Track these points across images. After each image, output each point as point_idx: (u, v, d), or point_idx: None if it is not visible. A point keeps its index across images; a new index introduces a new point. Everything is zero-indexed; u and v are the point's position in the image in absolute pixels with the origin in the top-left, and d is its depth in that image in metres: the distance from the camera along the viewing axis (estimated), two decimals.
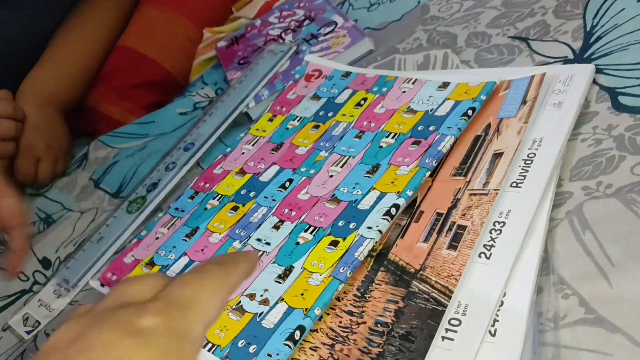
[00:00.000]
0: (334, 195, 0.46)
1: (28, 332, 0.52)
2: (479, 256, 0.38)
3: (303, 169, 0.50)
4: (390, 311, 0.37)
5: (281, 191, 0.49)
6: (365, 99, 0.54)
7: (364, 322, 0.38)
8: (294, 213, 0.47)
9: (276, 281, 0.42)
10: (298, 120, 0.56)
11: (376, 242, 0.41)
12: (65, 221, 0.64)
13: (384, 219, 0.42)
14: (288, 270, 0.42)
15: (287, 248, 0.44)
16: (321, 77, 0.61)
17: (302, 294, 0.40)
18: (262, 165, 0.53)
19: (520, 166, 0.42)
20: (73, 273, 0.55)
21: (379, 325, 0.37)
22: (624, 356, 0.32)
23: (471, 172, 0.43)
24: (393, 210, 0.42)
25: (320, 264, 0.41)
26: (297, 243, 0.44)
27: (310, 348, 0.38)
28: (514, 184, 0.41)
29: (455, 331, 0.35)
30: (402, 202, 0.43)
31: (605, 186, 0.40)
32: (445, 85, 0.51)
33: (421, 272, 0.39)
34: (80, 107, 0.81)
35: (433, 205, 0.43)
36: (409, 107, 0.51)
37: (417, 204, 0.43)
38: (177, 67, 0.82)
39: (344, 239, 0.42)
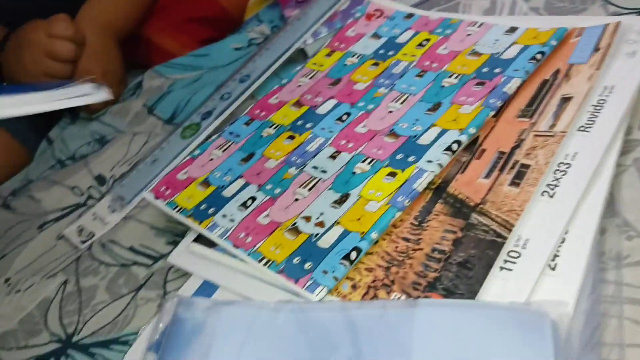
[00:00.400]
0: (392, 130, 0.46)
1: (82, 242, 0.53)
2: (542, 195, 0.38)
3: (361, 104, 0.50)
4: (448, 240, 0.38)
5: (338, 123, 0.49)
6: (427, 40, 0.54)
7: (421, 249, 0.38)
8: (351, 145, 0.47)
9: (332, 206, 0.42)
10: (357, 57, 0.56)
11: (435, 175, 0.41)
12: (119, 142, 0.65)
13: (444, 153, 0.42)
14: (344, 197, 0.43)
15: (344, 177, 0.44)
16: (382, 17, 0.60)
17: (358, 219, 0.40)
18: (320, 99, 0.53)
19: (589, 111, 0.41)
20: (127, 190, 0.56)
21: (436, 252, 0.37)
22: None
23: (537, 114, 0.43)
24: (454, 146, 0.42)
25: (377, 193, 0.42)
26: (354, 173, 0.44)
27: (365, 269, 0.38)
28: (582, 128, 0.41)
29: (515, 262, 0.35)
30: (464, 138, 0.42)
31: None
32: (512, 30, 0.50)
33: (481, 205, 0.39)
34: (136, 39, 0.82)
35: (496, 144, 0.42)
36: (474, 49, 0.50)
37: (478, 143, 0.43)
38: (233, 4, 0.82)
39: (403, 170, 0.42)
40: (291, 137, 0.50)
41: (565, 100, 0.43)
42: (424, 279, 0.36)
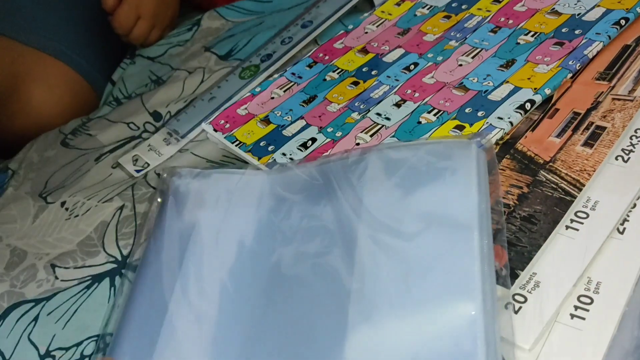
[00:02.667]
0: (462, 83, 0.45)
1: (137, 171, 0.54)
2: (616, 159, 0.37)
3: (430, 55, 0.49)
4: (513, 195, 0.37)
5: (405, 72, 0.49)
6: None
7: None
8: (417, 94, 0.46)
9: None
10: (428, 9, 0.55)
11: (505, 132, 0.41)
12: (174, 80, 0.65)
13: (517, 111, 0.41)
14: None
15: (408, 125, 0.44)
16: None
17: None
18: (387, 47, 0.52)
19: None
20: (184, 125, 0.56)
21: (499, 205, 0.37)
22: None
23: (616, 78, 0.41)
24: (528, 105, 0.41)
25: None
26: (419, 122, 0.44)
27: None
28: None
29: (582, 222, 0.35)
30: (538, 98, 0.41)
31: None
32: None
33: (551, 163, 0.38)
34: None
35: (570, 104, 0.41)
36: (554, 8, 0.48)
37: (552, 102, 0.42)
38: None
39: (471, 125, 0.42)
40: (355, 83, 0.50)
41: None
42: None
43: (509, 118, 0.41)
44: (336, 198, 0.37)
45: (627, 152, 0.37)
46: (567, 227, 0.35)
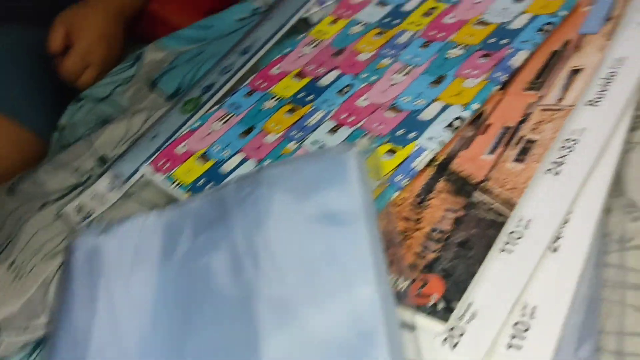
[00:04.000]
0: (394, 104, 0.45)
1: (82, 219, 0.53)
2: (547, 172, 0.37)
3: (364, 75, 0.49)
4: (449, 219, 0.37)
5: (340, 96, 0.48)
6: (434, 8, 0.52)
7: (421, 229, 0.37)
8: (352, 118, 0.46)
9: None
10: (362, 26, 0.54)
11: (437, 152, 0.40)
12: (120, 120, 0.64)
13: (445, 130, 0.41)
14: None
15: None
16: None
17: None
18: (322, 69, 0.52)
19: (599, 84, 0.40)
20: (126, 167, 0.55)
21: (436, 232, 0.36)
22: None
23: (545, 87, 0.41)
24: (456, 123, 0.41)
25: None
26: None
27: None
28: (591, 102, 0.39)
29: (516, 244, 0.34)
30: (466, 114, 0.41)
31: None
32: None
33: (484, 183, 0.37)
34: (140, 12, 0.80)
35: (502, 118, 0.41)
36: (481, 18, 0.48)
37: (484, 117, 0.42)
38: None
39: (403, 147, 0.41)
40: (292, 110, 0.49)
41: (575, 72, 0.41)
42: (422, 260, 0.35)
43: (439, 137, 0.40)
44: (230, 218, 0.38)
45: (557, 164, 0.37)
46: (502, 250, 0.34)
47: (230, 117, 0.52)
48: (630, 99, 0.38)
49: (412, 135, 0.41)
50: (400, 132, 0.42)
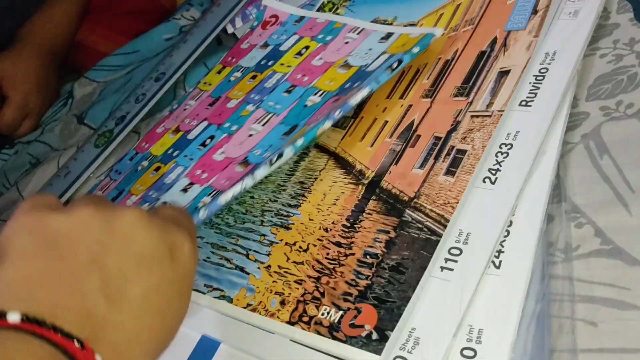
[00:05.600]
0: (246, 158, 0.41)
1: None
2: (484, 181, 0.34)
3: (227, 125, 0.46)
4: (381, 242, 0.33)
5: (200, 149, 0.45)
6: (307, 47, 0.48)
7: (353, 254, 0.33)
8: (205, 175, 0.42)
9: None
10: (241, 71, 0.51)
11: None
12: (50, 160, 0.60)
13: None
14: None
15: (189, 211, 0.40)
16: (277, 23, 0.54)
17: None
18: (195, 122, 0.48)
19: (530, 83, 0.37)
20: None
21: (368, 257, 0.33)
22: None
23: (474, 92, 0.39)
24: (273, 158, 0.37)
25: None
26: (196, 208, 0.39)
27: (295, 281, 0.34)
28: (523, 103, 0.37)
29: (456, 261, 0.31)
30: (288, 152, 0.37)
31: (625, 106, 0.36)
32: (388, 36, 0.44)
33: (415, 200, 0.34)
34: (70, 44, 0.76)
35: (431, 128, 0.38)
36: (346, 61, 0.45)
37: (413, 128, 0.39)
38: None
39: None
40: (157, 169, 0.46)
41: (503, 74, 0.39)
42: (355, 288, 0.32)
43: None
44: None
45: (494, 171, 0.34)
46: (443, 269, 0.31)
47: (110, 184, 0.49)
48: (564, 96, 0.36)
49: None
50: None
